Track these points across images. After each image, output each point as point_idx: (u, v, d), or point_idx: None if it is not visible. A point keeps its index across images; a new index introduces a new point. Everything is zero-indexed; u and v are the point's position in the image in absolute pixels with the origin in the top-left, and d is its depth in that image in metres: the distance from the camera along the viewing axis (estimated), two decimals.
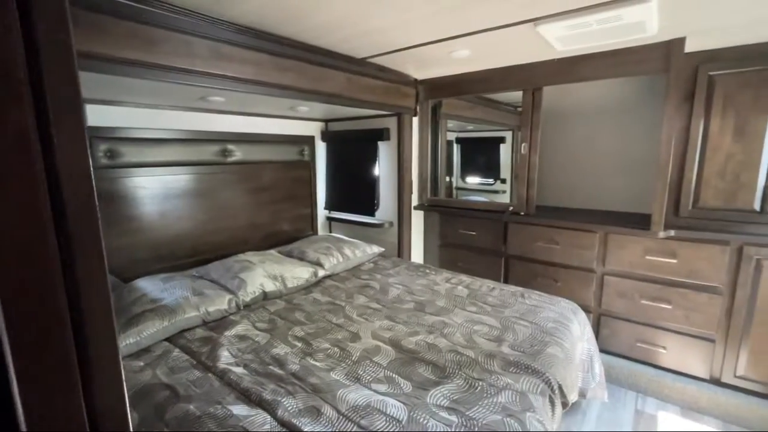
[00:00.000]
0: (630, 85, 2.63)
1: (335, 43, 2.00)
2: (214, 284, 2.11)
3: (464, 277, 2.49)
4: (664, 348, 2.28)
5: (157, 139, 2.26)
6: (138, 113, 2.17)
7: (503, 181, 3.73)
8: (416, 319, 1.91)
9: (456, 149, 3.91)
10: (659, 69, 2.03)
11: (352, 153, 3.26)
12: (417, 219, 3.20)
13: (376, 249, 2.92)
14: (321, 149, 3.41)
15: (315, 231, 3.38)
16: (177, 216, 2.39)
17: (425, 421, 1.20)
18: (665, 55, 1.99)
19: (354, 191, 3.29)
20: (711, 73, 2.04)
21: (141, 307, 1.76)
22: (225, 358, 1.56)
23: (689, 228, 2.14)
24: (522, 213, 2.66)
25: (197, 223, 2.49)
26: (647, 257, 2.25)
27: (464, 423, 1.19)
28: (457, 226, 3.03)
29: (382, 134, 2.99)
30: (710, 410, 2.12)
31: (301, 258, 2.61)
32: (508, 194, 3.60)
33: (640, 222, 2.27)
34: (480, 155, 3.92)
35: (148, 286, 1.98)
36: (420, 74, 2.81)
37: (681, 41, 1.92)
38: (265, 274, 2.23)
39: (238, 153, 2.70)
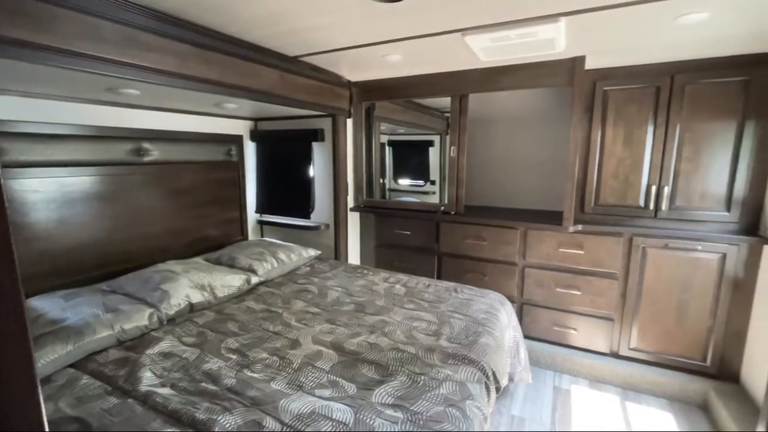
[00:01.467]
0: (543, 96, 2.93)
1: (266, 38, 1.92)
2: (129, 298, 1.88)
3: (401, 276, 2.55)
4: (575, 329, 2.57)
5: (54, 134, 1.95)
6: (29, 104, 1.86)
7: (433, 182, 3.90)
8: (357, 320, 1.91)
9: (388, 152, 3.99)
10: (565, 82, 2.29)
11: (284, 154, 3.16)
12: (353, 220, 3.20)
13: (312, 252, 2.86)
14: (250, 149, 3.24)
15: (245, 236, 3.20)
16: (79, 223, 2.08)
17: (371, 421, 1.20)
18: (570, 70, 2.26)
19: (287, 193, 3.19)
20: (605, 88, 2.36)
21: (37, 330, 1.50)
22: (148, 379, 1.40)
23: (592, 223, 2.46)
24: (453, 212, 2.81)
25: (105, 231, 2.21)
26: (560, 250, 2.53)
27: (410, 418, 1.22)
28: (392, 226, 3.09)
29: (316, 135, 2.94)
30: (612, 380, 2.44)
31: (232, 265, 2.45)
32: (437, 195, 3.78)
33: (553, 218, 2.53)
34: (411, 158, 4.05)
35: (45, 305, 1.70)
36: (354, 76, 2.82)
37: (582, 59, 2.19)
38: (190, 284, 2.05)
39: (155, 152, 2.45)
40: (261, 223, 3.40)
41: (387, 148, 3.93)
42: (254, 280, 2.34)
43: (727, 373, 2.23)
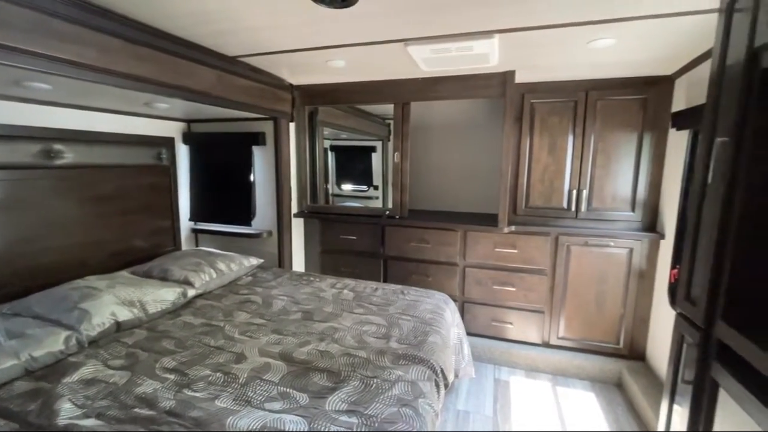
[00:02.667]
0: (479, 106, 3.13)
1: (203, 36, 1.82)
2: (39, 321, 1.65)
3: (349, 281, 2.54)
4: (511, 324, 2.76)
5: None
6: None
7: (376, 187, 3.96)
8: (305, 328, 1.87)
9: (331, 156, 3.97)
10: (498, 94, 2.48)
11: (222, 157, 2.99)
12: (297, 227, 3.13)
13: (254, 261, 2.74)
14: (183, 153, 3.03)
15: (178, 246, 2.97)
16: None
17: (326, 430, 1.19)
18: (502, 83, 2.44)
19: (226, 200, 3.02)
20: (532, 101, 2.59)
21: None
22: (66, 411, 1.24)
23: (524, 224, 2.67)
24: (397, 216, 2.88)
25: (7, 244, 1.92)
26: (496, 249, 2.70)
27: (364, 422, 1.23)
28: (337, 231, 3.08)
29: (257, 138, 2.84)
30: (544, 368, 2.66)
31: (164, 277, 2.26)
32: (380, 200, 3.83)
33: (489, 220, 2.71)
34: (354, 163, 4.06)
35: None
36: (296, 79, 2.78)
37: (513, 73, 2.39)
38: (116, 300, 1.86)
39: (70, 155, 2.18)
40: (196, 232, 3.18)
41: (329, 153, 3.91)
42: (191, 292, 2.18)
43: (635, 353, 2.56)
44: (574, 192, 2.57)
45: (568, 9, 1.45)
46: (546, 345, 2.73)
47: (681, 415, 1.16)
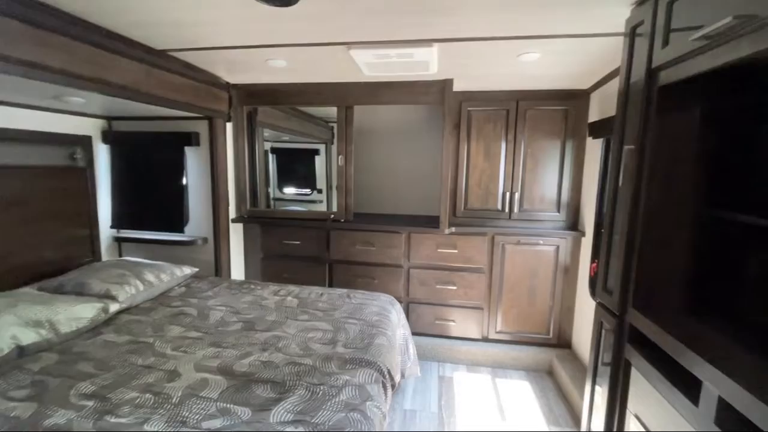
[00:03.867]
0: (421, 112, 3.22)
1: (126, 26, 1.66)
2: None
3: (292, 287, 2.47)
4: (453, 321, 2.88)
5: None
6: None
7: (320, 191, 3.90)
8: (246, 339, 1.78)
9: (272, 159, 3.84)
10: (438, 101, 2.58)
11: (149, 159, 2.76)
12: (236, 232, 2.97)
13: (187, 270, 2.55)
14: (103, 153, 2.73)
15: (98, 257, 2.67)
16: None
17: None
18: (441, 90, 2.55)
19: (155, 205, 2.78)
20: (469, 108, 2.73)
21: None
22: None
23: (463, 225, 2.80)
24: (342, 220, 2.86)
25: None
26: (438, 250, 2.80)
27: (311, 431, 1.19)
28: (280, 236, 2.98)
29: (189, 138, 2.65)
30: (484, 362, 2.80)
31: (80, 292, 2.02)
32: (325, 203, 3.79)
33: (431, 222, 2.80)
34: (296, 166, 3.97)
35: None
36: (233, 78, 2.65)
37: (451, 81, 2.50)
38: (18, 321, 1.62)
39: None
40: (119, 241, 2.88)
41: (270, 155, 3.78)
42: (113, 307, 1.97)
43: (563, 342, 2.79)
44: (508, 194, 2.75)
45: (499, 23, 1.56)
46: (485, 339, 2.88)
47: (602, 395, 1.28)
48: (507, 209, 2.76)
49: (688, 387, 0.88)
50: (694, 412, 0.85)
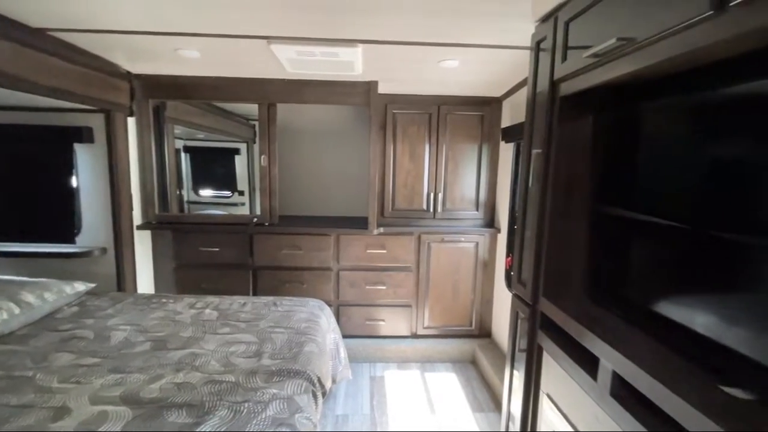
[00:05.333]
0: (348, 112, 3.20)
1: None
2: None
3: (211, 299, 2.28)
4: (383, 321, 2.91)
5: None
6: None
7: (241, 193, 3.66)
8: (156, 360, 1.59)
9: (185, 159, 3.51)
10: (364, 102, 2.58)
11: (26, 157, 2.33)
12: (143, 241, 2.65)
13: (81, 286, 2.20)
14: None
15: None
16: None
17: None
18: (367, 92, 2.56)
19: (36, 211, 2.35)
20: (394, 111, 2.79)
21: None
22: None
23: (391, 225, 2.85)
24: (267, 223, 2.72)
25: None
26: (368, 251, 2.81)
27: None
28: (196, 243, 2.73)
29: (80, 134, 2.30)
30: (414, 358, 2.88)
31: None
32: (247, 206, 3.57)
33: (360, 223, 2.80)
34: (214, 166, 3.68)
35: None
36: (136, 67, 2.35)
37: (376, 83, 2.52)
38: None
39: None
40: None
41: (183, 154, 3.45)
42: None
43: (484, 332, 2.99)
44: (432, 195, 2.86)
45: (421, 29, 1.61)
46: (414, 336, 2.96)
47: (519, 379, 1.39)
48: (432, 209, 2.88)
49: (589, 365, 0.99)
50: (593, 386, 0.96)
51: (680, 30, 0.70)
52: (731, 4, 0.61)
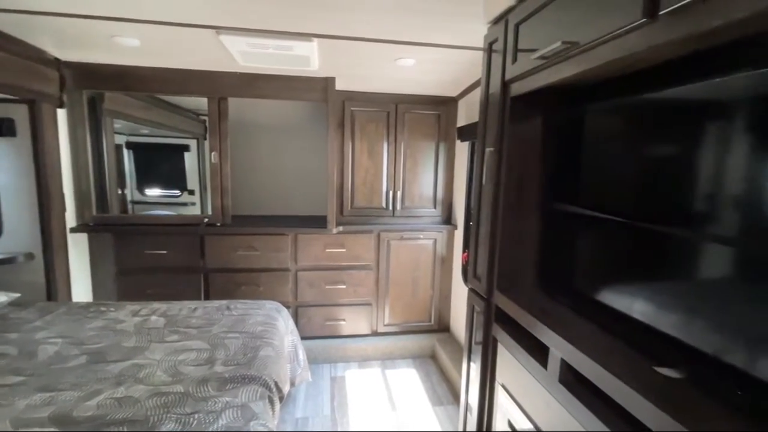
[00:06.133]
0: (305, 108, 3.12)
1: None
2: None
3: (158, 305, 2.13)
4: (343, 320, 2.88)
5: None
6: None
7: (191, 192, 3.46)
8: (94, 374, 1.46)
9: (128, 155, 3.26)
10: (321, 99, 2.53)
11: None
12: (78, 245, 2.43)
13: (1, 297, 1.97)
14: None
15: None
16: None
17: None
18: (324, 88, 2.51)
19: None
20: (352, 108, 2.76)
21: None
22: None
23: (350, 223, 2.82)
24: (219, 224, 2.59)
25: None
26: (327, 250, 2.77)
27: None
28: (140, 246, 2.54)
29: None
30: (375, 356, 2.88)
31: None
32: (198, 206, 3.38)
33: (319, 222, 2.75)
34: (161, 163, 3.44)
35: None
36: (66, 54, 2.14)
37: (333, 80, 2.48)
38: None
39: None
40: None
41: (126, 151, 3.20)
42: None
43: (443, 326, 3.06)
44: (391, 193, 2.87)
45: (378, 26, 1.60)
46: (375, 334, 2.96)
47: (476, 371, 1.43)
48: (391, 207, 2.89)
49: (540, 354, 1.03)
50: (544, 374, 1.01)
51: (618, 35, 0.75)
52: (661, 13, 0.65)
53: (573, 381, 0.92)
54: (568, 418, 0.90)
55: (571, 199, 1.15)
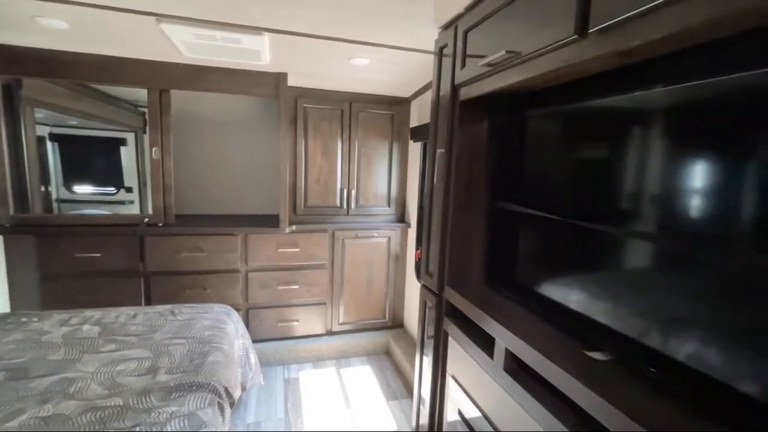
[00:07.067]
0: (256, 104, 3.01)
1: None
2: None
3: (91, 312, 1.96)
4: (297, 321, 2.83)
5: None
6: None
7: (129, 189, 3.21)
8: (14, 392, 1.31)
9: (52, 148, 2.95)
10: (272, 94, 2.46)
11: None
12: None
13: None
14: None
15: None
16: None
17: None
18: (276, 83, 2.44)
19: None
20: (305, 105, 2.71)
21: None
22: None
23: (304, 222, 2.78)
24: (161, 224, 2.43)
25: None
26: (279, 250, 2.70)
27: None
28: (69, 249, 2.32)
29: None
30: (329, 355, 2.87)
31: None
32: (138, 205, 3.14)
33: (271, 221, 2.67)
34: (93, 158, 3.15)
35: None
36: None
37: (285, 75, 2.43)
38: None
39: None
40: None
41: (50, 143, 2.89)
42: None
43: (397, 322, 3.11)
44: (345, 191, 2.87)
45: (331, 24, 1.59)
46: (329, 333, 2.95)
47: (428, 364, 1.48)
48: (345, 205, 2.88)
49: (487, 345, 1.09)
50: (490, 364, 1.07)
51: (555, 48, 0.81)
52: (590, 31, 0.72)
53: (516, 369, 0.99)
54: (512, 404, 0.97)
55: (514, 199, 1.22)
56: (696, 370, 0.67)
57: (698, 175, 0.70)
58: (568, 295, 1.00)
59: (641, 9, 0.61)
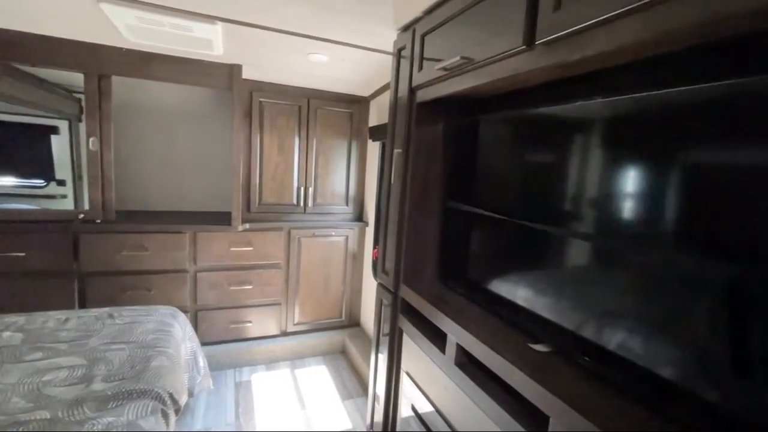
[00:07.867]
0: (208, 95, 2.86)
1: None
2: None
3: (13, 318, 1.77)
4: (250, 322, 2.74)
5: None
6: None
7: (61, 183, 2.93)
8: None
9: None
10: (225, 86, 2.36)
11: None
12: None
13: None
14: None
15: None
16: None
17: None
18: (229, 75, 2.34)
19: None
20: (261, 99, 2.63)
21: None
22: None
23: (258, 220, 2.69)
24: (98, 221, 2.25)
25: None
26: (231, 249, 2.60)
27: None
28: None
29: None
30: (283, 356, 2.80)
31: None
32: (71, 199, 2.87)
33: (223, 219, 2.56)
34: (17, 147, 2.84)
35: None
36: None
37: (239, 67, 2.33)
38: None
39: None
40: None
41: None
42: None
43: (353, 321, 3.11)
44: (302, 189, 2.81)
45: (288, 17, 1.55)
46: (284, 334, 2.88)
47: (383, 361, 1.49)
48: (302, 203, 2.83)
49: (439, 341, 1.13)
50: (442, 359, 1.11)
51: (505, 57, 0.86)
52: (537, 43, 0.77)
53: (466, 363, 1.03)
54: (463, 397, 1.01)
55: (467, 199, 1.27)
56: (624, 358, 0.74)
57: (629, 180, 0.77)
58: (515, 291, 1.06)
59: (580, 26, 0.67)
